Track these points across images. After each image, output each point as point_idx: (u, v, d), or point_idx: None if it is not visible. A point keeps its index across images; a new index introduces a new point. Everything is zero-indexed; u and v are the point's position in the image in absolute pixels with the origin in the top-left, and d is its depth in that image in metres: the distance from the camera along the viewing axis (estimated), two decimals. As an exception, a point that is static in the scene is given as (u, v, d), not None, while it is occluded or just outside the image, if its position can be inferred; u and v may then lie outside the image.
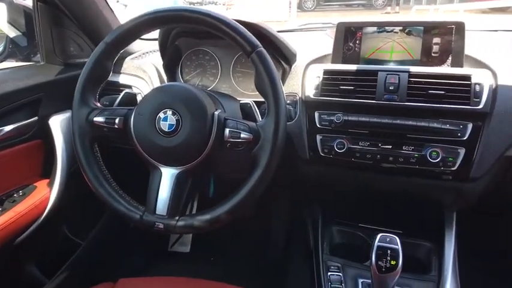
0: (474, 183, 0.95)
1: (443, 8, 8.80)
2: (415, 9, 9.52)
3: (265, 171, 0.79)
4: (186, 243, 1.76)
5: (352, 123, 0.99)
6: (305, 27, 1.62)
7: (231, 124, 0.82)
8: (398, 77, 0.98)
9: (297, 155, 1.06)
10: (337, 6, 13.12)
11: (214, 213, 0.81)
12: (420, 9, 9.50)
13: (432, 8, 9.32)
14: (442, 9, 8.68)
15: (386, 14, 10.60)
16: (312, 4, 13.37)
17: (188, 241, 1.77)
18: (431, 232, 1.07)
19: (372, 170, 1.00)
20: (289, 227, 1.66)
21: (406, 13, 10.18)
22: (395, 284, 0.81)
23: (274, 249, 1.67)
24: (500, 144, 0.91)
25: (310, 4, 13.37)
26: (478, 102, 0.92)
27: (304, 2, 13.31)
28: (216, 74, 1.22)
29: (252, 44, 0.80)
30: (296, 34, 1.57)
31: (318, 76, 1.06)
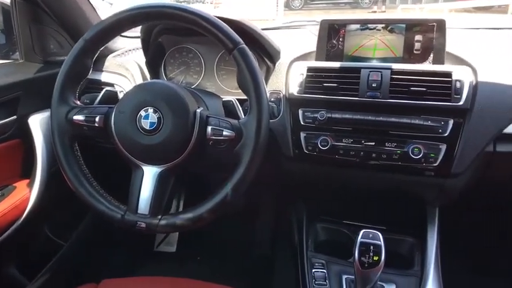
0: (456, 179, 0.96)
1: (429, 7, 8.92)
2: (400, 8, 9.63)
3: (248, 169, 0.78)
4: (172, 242, 1.75)
5: (335, 121, 1.00)
6: (289, 25, 1.62)
7: (213, 122, 0.81)
8: (380, 74, 0.98)
9: (281, 152, 1.06)
10: (324, 5, 13.18)
11: (196, 211, 0.80)
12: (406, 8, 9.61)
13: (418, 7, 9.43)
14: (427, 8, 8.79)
15: (372, 13, 10.68)
16: (300, 3, 13.39)
17: (174, 241, 1.75)
18: (414, 228, 1.08)
19: (355, 167, 1.01)
20: (275, 224, 1.66)
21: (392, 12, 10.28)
22: (378, 279, 0.82)
23: (261, 247, 1.67)
24: (481, 140, 0.93)
25: (297, 3, 13.39)
26: (459, 98, 0.93)
27: (292, 0, 13.32)
28: (199, 71, 1.21)
29: (233, 41, 0.80)
30: (280, 32, 1.57)
31: (301, 73, 1.05)
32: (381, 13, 10.28)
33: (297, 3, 13.38)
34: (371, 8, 11.98)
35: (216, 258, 1.67)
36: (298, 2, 13.40)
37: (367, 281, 0.81)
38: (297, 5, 13.30)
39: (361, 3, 13.10)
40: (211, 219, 0.81)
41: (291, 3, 13.30)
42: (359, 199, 1.15)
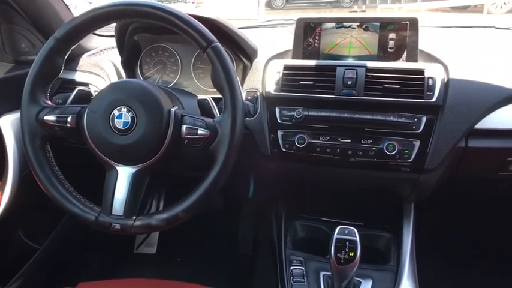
0: (429, 174, 0.97)
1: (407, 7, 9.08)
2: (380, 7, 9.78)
3: (223, 168, 0.78)
4: (152, 244, 1.73)
5: (312, 118, 1.00)
6: (267, 24, 1.62)
7: (188, 121, 0.81)
8: (356, 72, 0.99)
9: (258, 151, 1.06)
10: (305, 4, 13.26)
11: (172, 211, 0.80)
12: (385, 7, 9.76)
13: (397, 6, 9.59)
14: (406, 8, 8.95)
15: (353, 12, 10.79)
16: (281, 2, 13.43)
17: (154, 242, 1.73)
18: (391, 223, 1.10)
19: (332, 164, 1.02)
20: (257, 223, 1.66)
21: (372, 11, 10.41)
22: (354, 275, 0.83)
23: (242, 246, 1.67)
24: (453, 135, 0.95)
25: (279, 2, 13.42)
26: (431, 95, 0.95)
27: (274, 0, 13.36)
28: (176, 70, 1.20)
29: (207, 39, 0.79)
30: (258, 30, 1.57)
31: (278, 72, 1.06)
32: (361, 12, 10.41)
33: (278, 2, 13.41)
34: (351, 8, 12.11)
35: (197, 258, 1.66)
36: (279, 2, 13.44)
37: (344, 276, 0.82)
38: (278, 5, 13.33)
39: (342, 2, 13.22)
40: (187, 219, 0.80)
41: (273, 3, 13.33)
42: (337, 196, 1.16)
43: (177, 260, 1.68)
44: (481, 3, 8.91)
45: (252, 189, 1.11)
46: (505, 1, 9.06)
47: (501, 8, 9.09)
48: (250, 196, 1.12)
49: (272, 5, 13.21)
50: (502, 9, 9.08)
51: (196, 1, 10.20)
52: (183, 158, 0.87)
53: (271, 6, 13.02)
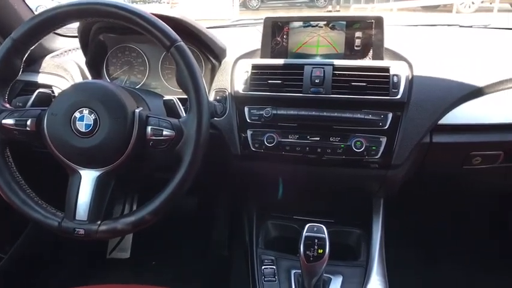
0: (396, 170, 0.99)
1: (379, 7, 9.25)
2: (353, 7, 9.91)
3: (189, 169, 0.77)
4: (125, 248, 1.70)
5: (281, 117, 1.00)
6: (237, 23, 1.62)
7: (152, 122, 0.80)
8: (323, 70, 1.00)
9: (228, 151, 1.05)
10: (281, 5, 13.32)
11: (138, 214, 0.78)
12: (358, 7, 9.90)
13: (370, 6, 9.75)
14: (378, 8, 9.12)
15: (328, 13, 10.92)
16: (257, 2, 13.45)
17: (128, 246, 1.70)
18: (361, 219, 1.11)
19: (302, 163, 1.02)
20: (232, 224, 1.66)
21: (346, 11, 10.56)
22: (323, 271, 0.83)
23: (218, 247, 1.66)
24: (418, 131, 0.96)
25: (254, 3, 13.44)
26: (396, 92, 0.97)
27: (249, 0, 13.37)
28: (144, 71, 1.18)
29: (170, 38, 0.78)
30: (229, 30, 1.56)
31: (246, 71, 1.05)
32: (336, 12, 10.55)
33: (254, 2, 13.43)
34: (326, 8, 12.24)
35: (172, 261, 1.64)
36: (255, 2, 13.45)
37: (313, 274, 0.83)
38: (254, 5, 13.35)
39: (317, 2, 13.37)
40: (154, 221, 0.79)
41: (248, 3, 13.33)
42: (308, 194, 1.16)
43: (151, 264, 1.65)
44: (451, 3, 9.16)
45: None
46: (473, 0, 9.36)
47: (469, 7, 9.39)
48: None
49: (248, 6, 13.21)
50: (471, 9, 9.38)
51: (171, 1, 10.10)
52: (150, 159, 0.86)
53: (246, 6, 13.02)
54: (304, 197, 1.18)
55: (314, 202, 1.17)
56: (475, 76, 0.99)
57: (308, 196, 1.17)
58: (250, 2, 13.38)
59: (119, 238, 1.70)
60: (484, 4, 9.45)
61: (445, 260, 1.49)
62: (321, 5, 13.18)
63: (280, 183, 1.10)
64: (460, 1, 9.17)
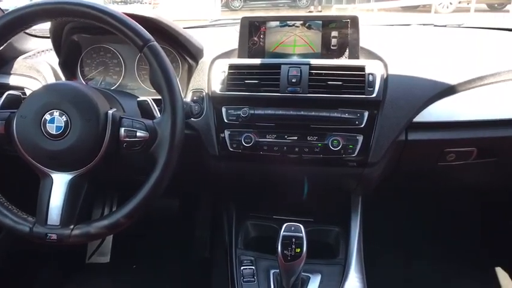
0: (372, 168, 1.00)
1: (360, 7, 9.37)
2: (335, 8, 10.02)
3: (164, 170, 0.76)
4: (105, 252, 1.67)
5: (258, 117, 1.00)
6: (216, 23, 1.61)
7: (126, 123, 0.78)
8: (300, 69, 1.00)
9: (206, 151, 1.04)
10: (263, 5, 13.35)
11: (112, 218, 0.77)
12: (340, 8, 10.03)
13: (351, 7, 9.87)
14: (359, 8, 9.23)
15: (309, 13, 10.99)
16: (239, 3, 13.45)
17: (108, 250, 1.67)
18: (340, 217, 1.11)
19: (280, 162, 1.02)
20: (213, 225, 1.65)
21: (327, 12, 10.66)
22: (301, 270, 0.84)
23: (200, 249, 1.64)
24: (393, 129, 0.98)
25: (237, 3, 13.43)
26: (372, 91, 0.97)
27: (232, 1, 13.35)
28: (119, 72, 1.16)
29: (143, 38, 0.77)
30: (207, 30, 1.55)
31: (223, 71, 1.05)
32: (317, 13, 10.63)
33: (236, 3, 13.42)
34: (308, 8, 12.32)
35: (153, 264, 1.61)
36: (237, 2, 13.45)
37: (291, 273, 0.83)
38: (236, 5, 13.34)
39: (299, 3, 13.46)
40: (129, 224, 0.78)
41: (231, 4, 13.31)
42: (287, 193, 1.16)
43: (132, 268, 1.62)
44: (429, 3, 9.36)
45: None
46: (451, 1, 9.57)
47: (447, 7, 9.61)
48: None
49: (230, 6, 13.19)
50: (449, 9, 9.60)
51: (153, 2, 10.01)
52: (125, 161, 0.84)
53: (229, 7, 13.00)
54: (283, 196, 1.18)
55: (293, 201, 1.17)
56: (448, 74, 1.01)
57: (287, 195, 1.17)
58: (232, 3, 13.37)
59: (99, 242, 1.67)
60: (462, 5, 9.68)
61: (422, 257, 1.51)
62: (303, 5, 13.27)
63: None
64: (438, 1, 9.37)
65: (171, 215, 1.71)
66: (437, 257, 1.50)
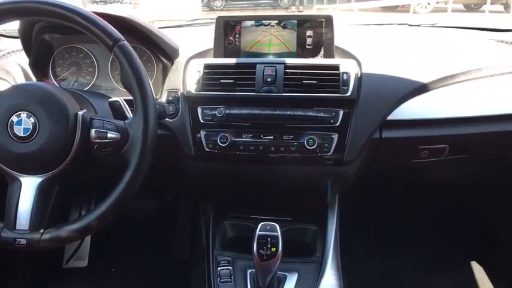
0: (348, 166, 1.01)
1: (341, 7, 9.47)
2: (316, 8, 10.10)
3: (137, 172, 0.75)
4: (83, 257, 1.64)
5: (234, 117, 1.00)
6: (192, 23, 1.60)
7: (96, 124, 0.77)
8: (275, 69, 1.00)
9: (183, 152, 1.03)
10: (245, 5, 13.36)
11: (83, 221, 0.75)
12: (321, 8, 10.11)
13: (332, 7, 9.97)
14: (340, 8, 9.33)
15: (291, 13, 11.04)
16: (221, 3, 13.42)
17: (85, 254, 1.64)
18: (317, 216, 1.12)
19: (256, 162, 1.02)
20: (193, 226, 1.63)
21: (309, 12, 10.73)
22: (277, 269, 0.84)
23: (179, 251, 1.63)
24: (367, 127, 0.99)
25: (218, 3, 13.40)
26: (346, 90, 0.98)
27: (213, 1, 13.31)
28: (93, 72, 1.14)
29: (113, 37, 0.76)
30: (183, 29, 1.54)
31: (198, 71, 1.04)
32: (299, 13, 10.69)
33: (218, 3, 13.39)
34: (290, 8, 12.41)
35: (132, 267, 1.59)
36: (219, 2, 13.41)
37: (267, 272, 0.83)
38: (218, 5, 13.31)
39: (281, 3, 13.53)
40: (100, 227, 0.76)
41: (212, 4, 13.27)
42: (264, 192, 1.16)
43: (111, 272, 1.60)
44: (408, 3, 9.54)
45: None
46: (429, 1, 9.78)
47: (425, 7, 9.81)
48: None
49: (212, 6, 13.15)
50: (427, 9, 9.81)
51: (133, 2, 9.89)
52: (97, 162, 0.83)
53: (210, 6, 12.96)
54: (260, 195, 1.18)
55: (271, 201, 1.17)
56: (421, 73, 1.03)
57: (265, 194, 1.17)
58: (214, 3, 13.33)
59: (76, 246, 1.64)
60: (440, 5, 9.89)
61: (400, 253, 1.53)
62: (284, 5, 13.35)
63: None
64: (416, 2, 9.55)
65: (151, 217, 1.69)
66: (414, 253, 1.52)
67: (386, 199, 1.51)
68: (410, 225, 1.61)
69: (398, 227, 1.60)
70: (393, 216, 1.59)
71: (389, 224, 1.59)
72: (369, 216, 1.54)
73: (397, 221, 1.60)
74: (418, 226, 1.61)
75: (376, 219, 1.56)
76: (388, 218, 1.59)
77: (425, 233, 1.59)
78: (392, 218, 1.59)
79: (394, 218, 1.59)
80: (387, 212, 1.57)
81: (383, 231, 1.57)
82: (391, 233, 1.58)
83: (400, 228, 1.60)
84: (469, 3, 10.39)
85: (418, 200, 1.55)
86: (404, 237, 1.58)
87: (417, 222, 1.61)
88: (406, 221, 1.60)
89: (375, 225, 1.55)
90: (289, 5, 13.38)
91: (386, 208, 1.55)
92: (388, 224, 1.59)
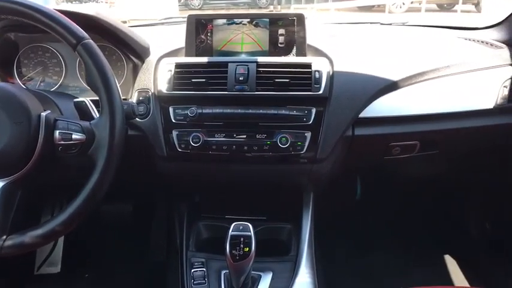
0: (321, 164, 1.01)
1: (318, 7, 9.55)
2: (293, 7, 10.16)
3: (104, 173, 0.73)
4: (55, 262, 1.59)
5: (206, 116, 0.99)
6: (165, 21, 1.58)
7: (61, 125, 0.75)
8: (247, 67, 1.00)
9: (155, 152, 1.02)
10: (223, 5, 13.31)
11: (47, 226, 0.73)
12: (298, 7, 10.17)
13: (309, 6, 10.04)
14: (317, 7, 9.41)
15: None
16: (199, 2, 13.33)
17: (58, 259, 1.59)
18: (293, 215, 1.12)
19: (230, 161, 1.01)
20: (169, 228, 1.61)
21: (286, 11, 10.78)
22: (251, 269, 0.83)
23: (155, 253, 1.60)
24: (340, 125, 0.99)
25: (196, 2, 13.30)
26: (319, 88, 0.99)
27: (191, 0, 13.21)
28: (60, 72, 1.10)
29: (76, 35, 0.74)
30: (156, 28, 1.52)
31: (169, 70, 1.02)
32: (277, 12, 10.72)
33: (196, 2, 13.28)
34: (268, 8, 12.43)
35: (107, 272, 1.56)
36: (197, 1, 13.31)
37: (240, 272, 0.82)
38: (196, 4, 13.21)
39: (259, 2, 13.53)
40: (67, 232, 0.74)
41: (190, 2, 13.16)
42: (239, 192, 1.16)
43: (85, 277, 1.56)
44: (384, 3, 9.71)
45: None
46: (404, 1, 9.98)
47: (400, 7, 10.01)
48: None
49: (189, 5, 13.04)
50: (402, 9, 10.01)
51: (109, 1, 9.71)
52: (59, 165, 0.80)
53: (188, 5, 12.85)
54: (235, 195, 1.17)
55: (245, 200, 1.17)
56: (391, 70, 1.04)
57: (240, 194, 1.16)
58: (192, 1, 13.22)
59: (48, 252, 1.59)
60: (414, 5, 10.11)
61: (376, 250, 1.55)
62: (263, 5, 13.36)
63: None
64: (392, 2, 9.73)
65: (127, 219, 1.66)
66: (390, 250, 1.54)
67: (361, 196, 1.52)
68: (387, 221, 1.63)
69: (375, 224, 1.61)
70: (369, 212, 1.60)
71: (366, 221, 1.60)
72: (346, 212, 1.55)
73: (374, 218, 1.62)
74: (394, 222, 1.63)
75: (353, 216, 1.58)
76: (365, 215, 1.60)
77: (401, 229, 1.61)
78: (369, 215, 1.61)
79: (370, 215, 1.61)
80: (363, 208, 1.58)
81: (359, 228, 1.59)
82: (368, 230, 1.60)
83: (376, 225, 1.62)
84: (442, 3, 10.66)
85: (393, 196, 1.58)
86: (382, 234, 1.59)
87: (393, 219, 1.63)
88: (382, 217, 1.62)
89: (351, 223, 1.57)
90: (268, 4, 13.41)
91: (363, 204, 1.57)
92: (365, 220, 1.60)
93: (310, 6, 10.08)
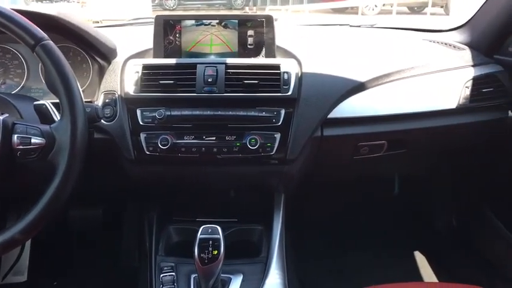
0: (291, 165, 1.02)
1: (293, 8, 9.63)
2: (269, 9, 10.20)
3: (65, 179, 0.71)
4: (21, 271, 1.52)
5: (175, 118, 0.97)
6: (134, 22, 1.55)
7: (19, 129, 0.72)
8: (216, 69, 0.99)
9: (122, 156, 0.99)
10: (198, 5, 13.25)
11: (6, 234, 0.70)
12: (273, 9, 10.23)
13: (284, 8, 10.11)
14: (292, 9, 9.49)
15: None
16: (174, 3, 13.22)
17: (24, 268, 1.53)
18: (264, 216, 1.12)
19: (199, 164, 1.00)
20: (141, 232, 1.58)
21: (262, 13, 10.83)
22: (220, 272, 0.82)
23: (127, 258, 1.57)
24: (309, 126, 1.00)
25: (171, 3, 13.19)
26: (287, 89, 0.99)
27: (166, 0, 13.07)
28: (21, 74, 1.06)
29: (35, 36, 0.71)
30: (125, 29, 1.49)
31: (137, 71, 1.01)
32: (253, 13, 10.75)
33: (170, 3, 13.17)
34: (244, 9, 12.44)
35: (76, 279, 1.51)
36: (171, 2, 13.20)
37: (209, 276, 0.81)
38: (170, 5, 13.09)
39: (234, 3, 13.55)
40: (27, 239, 0.71)
41: (165, 3, 13.04)
42: (210, 194, 1.15)
43: (53, 285, 1.51)
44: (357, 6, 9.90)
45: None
46: (376, 4, 10.20)
47: (373, 9, 10.24)
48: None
49: (164, 5, 12.91)
50: (374, 11, 10.23)
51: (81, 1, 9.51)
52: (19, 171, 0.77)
53: (163, 6, 12.72)
54: (205, 198, 1.16)
55: (216, 202, 1.16)
56: (359, 72, 1.06)
57: (211, 197, 1.16)
58: (166, 2, 13.10)
59: (13, 260, 1.53)
60: (386, 7, 10.35)
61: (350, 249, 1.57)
62: (238, 6, 13.39)
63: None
64: (364, 4, 9.93)
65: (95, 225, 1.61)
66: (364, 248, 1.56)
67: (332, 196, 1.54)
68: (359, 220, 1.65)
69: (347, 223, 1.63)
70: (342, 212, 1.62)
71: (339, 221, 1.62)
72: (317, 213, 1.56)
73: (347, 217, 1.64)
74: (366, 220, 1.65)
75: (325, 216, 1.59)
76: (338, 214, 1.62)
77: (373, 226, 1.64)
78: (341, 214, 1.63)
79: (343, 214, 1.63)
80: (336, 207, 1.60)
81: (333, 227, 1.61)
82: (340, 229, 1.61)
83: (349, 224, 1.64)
84: (412, 6, 10.96)
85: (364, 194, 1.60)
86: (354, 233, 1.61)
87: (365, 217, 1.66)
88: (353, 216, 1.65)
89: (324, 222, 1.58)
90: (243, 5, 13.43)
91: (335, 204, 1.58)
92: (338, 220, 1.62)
93: (285, 7, 10.16)
